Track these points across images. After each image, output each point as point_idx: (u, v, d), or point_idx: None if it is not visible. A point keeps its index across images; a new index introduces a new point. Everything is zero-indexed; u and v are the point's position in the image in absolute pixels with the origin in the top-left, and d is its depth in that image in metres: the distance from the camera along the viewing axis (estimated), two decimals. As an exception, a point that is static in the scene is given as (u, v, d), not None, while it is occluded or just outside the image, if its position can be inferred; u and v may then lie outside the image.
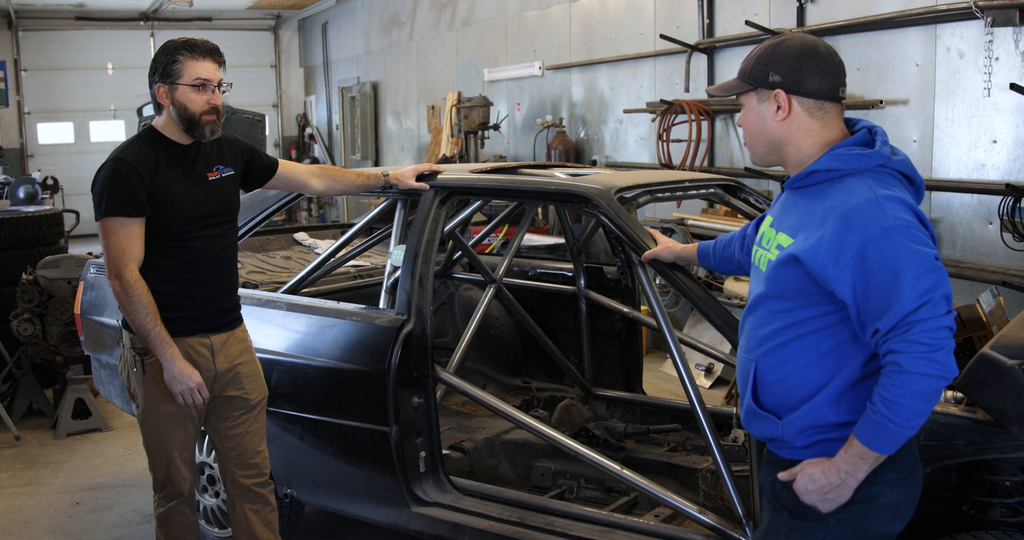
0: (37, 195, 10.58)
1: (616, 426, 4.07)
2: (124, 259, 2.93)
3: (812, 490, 2.06)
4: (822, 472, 2.04)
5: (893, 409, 1.93)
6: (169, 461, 3.14)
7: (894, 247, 1.95)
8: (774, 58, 2.15)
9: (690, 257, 2.82)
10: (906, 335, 1.92)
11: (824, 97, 2.14)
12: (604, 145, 8.42)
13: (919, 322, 1.92)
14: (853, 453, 2.00)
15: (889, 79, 5.58)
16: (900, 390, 1.92)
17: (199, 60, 3.01)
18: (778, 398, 2.15)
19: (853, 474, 2.02)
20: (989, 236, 5.10)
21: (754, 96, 2.19)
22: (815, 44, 2.15)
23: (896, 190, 2.05)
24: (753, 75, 2.18)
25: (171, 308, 3.03)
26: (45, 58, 15.76)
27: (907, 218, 1.98)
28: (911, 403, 1.93)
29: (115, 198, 2.91)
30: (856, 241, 1.97)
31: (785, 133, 2.16)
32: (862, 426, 1.98)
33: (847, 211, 2.00)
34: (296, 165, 3.52)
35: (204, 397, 3.05)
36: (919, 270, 1.93)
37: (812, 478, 2.06)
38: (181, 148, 3.07)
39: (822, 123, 2.15)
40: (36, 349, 5.72)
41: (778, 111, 2.15)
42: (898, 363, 1.93)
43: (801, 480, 2.08)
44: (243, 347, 3.25)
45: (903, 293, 1.93)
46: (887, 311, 1.94)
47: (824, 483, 2.04)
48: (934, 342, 1.91)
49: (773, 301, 2.15)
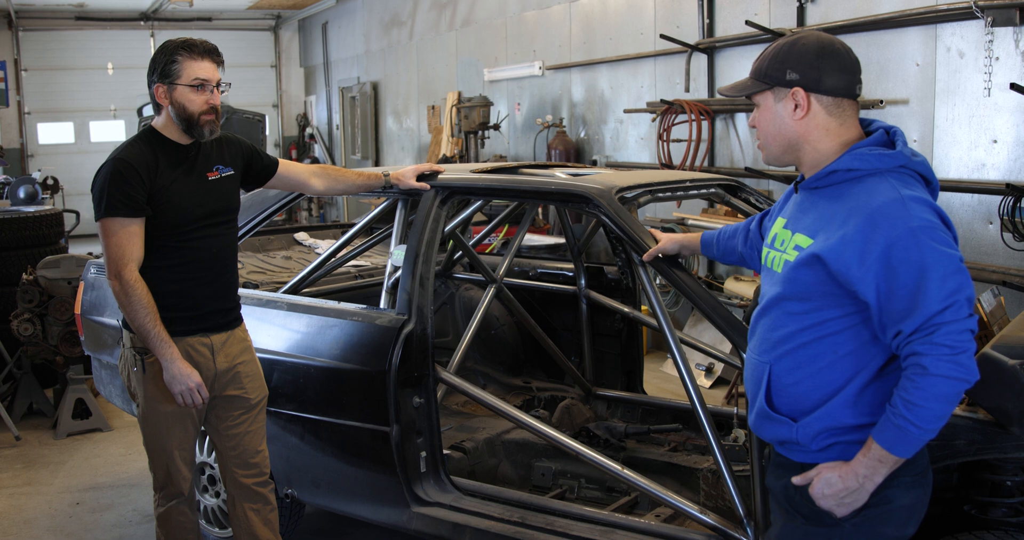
0: (37, 195, 10.58)
1: (617, 426, 4.07)
2: (124, 259, 2.93)
3: (829, 494, 2.03)
4: (839, 476, 2.02)
5: (915, 412, 1.91)
6: (169, 460, 3.14)
7: (920, 248, 1.92)
8: (791, 56, 2.11)
9: (693, 246, 2.79)
10: (930, 337, 1.90)
11: (842, 94, 2.11)
12: (604, 145, 8.42)
13: (944, 324, 1.90)
14: (872, 457, 1.98)
15: (889, 79, 5.58)
16: (923, 393, 1.91)
17: (197, 60, 3.00)
18: (794, 401, 2.12)
19: (871, 478, 1.99)
20: (989, 236, 5.10)
21: (770, 95, 2.15)
22: (831, 41, 2.13)
23: (919, 191, 2.03)
24: (769, 74, 2.14)
25: (171, 308, 3.03)
26: (45, 58, 15.76)
27: (932, 219, 1.96)
28: (933, 406, 1.91)
29: (115, 198, 2.91)
30: (881, 241, 1.95)
31: (803, 132, 2.13)
32: (882, 429, 1.96)
33: (872, 211, 1.98)
34: (296, 165, 3.52)
35: (204, 397, 3.05)
36: (945, 271, 1.92)
37: (829, 482, 2.03)
38: (181, 148, 3.07)
39: (840, 121, 2.12)
40: (36, 349, 5.72)
41: (796, 109, 2.12)
42: (922, 365, 1.90)
43: (817, 484, 2.05)
44: (243, 347, 3.25)
45: (928, 295, 1.91)
46: (911, 313, 1.92)
47: (841, 487, 2.02)
48: (958, 345, 1.90)
49: (790, 303, 2.12)
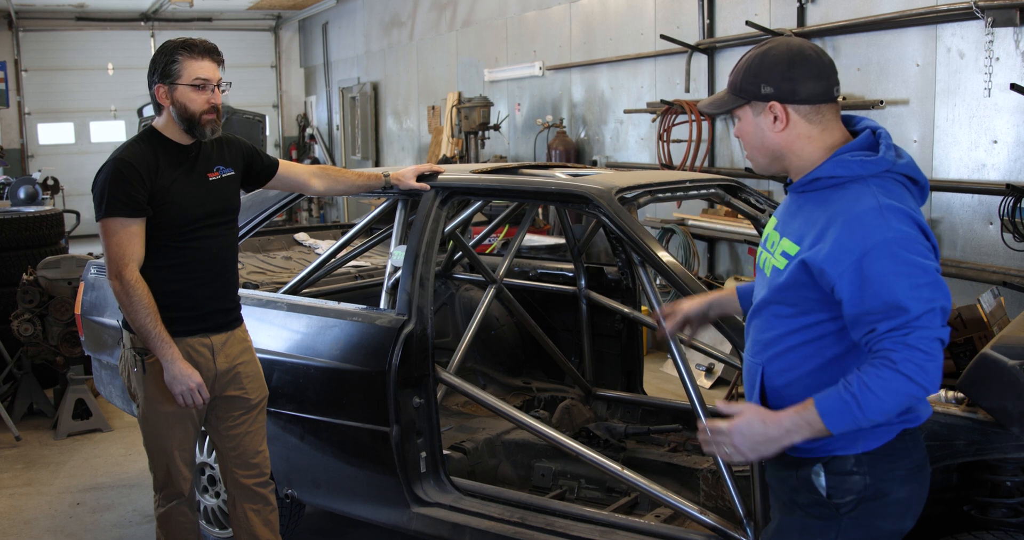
0: (38, 195, 10.59)
1: (617, 426, 4.07)
2: (124, 259, 2.93)
3: (747, 435, 2.03)
4: (763, 422, 2.02)
5: (866, 397, 1.91)
6: (169, 461, 3.14)
7: (894, 258, 1.93)
8: (763, 69, 2.11)
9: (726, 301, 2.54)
10: (905, 338, 1.90)
11: (819, 100, 2.10)
12: (604, 145, 8.42)
13: (920, 329, 1.90)
14: (803, 417, 1.97)
15: (890, 79, 5.58)
16: (883, 384, 1.90)
17: (198, 60, 3.00)
18: (787, 402, 2.11)
19: (791, 435, 1.99)
20: (990, 236, 5.10)
21: (749, 109, 2.15)
22: (801, 48, 2.11)
23: (899, 199, 2.02)
24: (744, 88, 2.14)
25: (172, 308, 3.03)
26: (45, 58, 15.77)
27: (908, 230, 1.96)
28: (886, 399, 1.91)
29: (115, 198, 2.91)
30: (856, 249, 1.95)
31: (785, 143, 2.13)
32: (827, 397, 1.96)
33: (850, 219, 1.98)
34: (296, 165, 3.52)
35: (204, 398, 3.04)
36: (918, 281, 1.92)
37: (750, 424, 2.03)
38: (182, 148, 3.07)
39: (821, 127, 2.11)
40: (37, 349, 5.72)
41: (775, 122, 2.11)
42: (892, 360, 1.90)
43: (739, 422, 2.04)
44: (243, 347, 3.25)
45: (901, 301, 1.91)
46: (884, 318, 1.92)
47: (760, 433, 2.01)
48: (931, 352, 1.90)
49: (777, 306, 2.14)
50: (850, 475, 2.06)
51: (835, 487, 2.07)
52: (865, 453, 2.05)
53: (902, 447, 2.08)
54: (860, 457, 2.05)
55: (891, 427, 2.06)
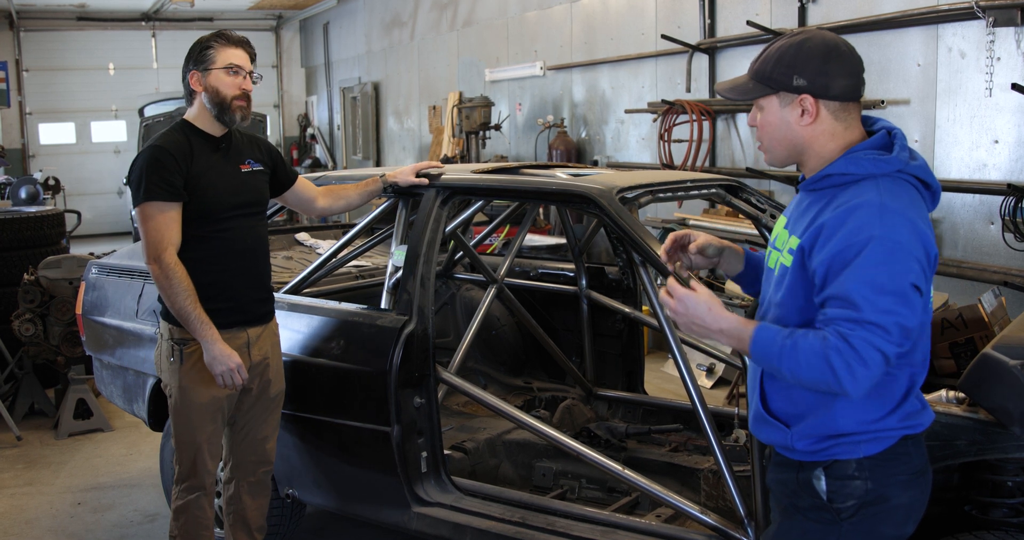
0: (39, 195, 10.60)
1: (618, 426, 4.07)
2: (163, 243, 3.00)
3: (689, 308, 2.05)
4: (708, 309, 2.03)
5: (791, 354, 1.92)
6: (197, 453, 3.20)
7: (872, 258, 1.90)
8: (798, 60, 2.05)
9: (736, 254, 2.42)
10: (849, 333, 1.88)
11: (848, 98, 2.07)
12: (605, 145, 8.42)
13: (865, 332, 1.87)
14: (740, 330, 2.01)
15: (891, 79, 5.58)
16: (807, 355, 1.90)
17: (231, 48, 3.13)
18: (788, 404, 2.11)
19: (720, 335, 2.03)
20: (991, 236, 5.10)
21: (775, 99, 2.09)
22: (837, 43, 2.07)
23: (907, 202, 1.99)
24: (774, 78, 2.07)
25: (211, 300, 3.09)
26: (46, 58, 15.77)
27: (899, 238, 1.92)
28: (803, 367, 1.91)
29: (153, 183, 2.99)
30: (843, 239, 1.94)
31: (810, 137, 2.09)
32: (767, 330, 1.98)
33: (850, 208, 1.96)
34: (311, 184, 3.61)
35: (243, 378, 3.12)
36: (884, 288, 1.89)
37: (697, 303, 2.04)
38: (213, 139, 3.17)
39: (845, 125, 2.09)
40: (38, 349, 5.73)
41: (803, 116, 2.07)
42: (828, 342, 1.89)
43: (690, 296, 2.05)
44: (274, 341, 3.36)
45: (854, 298, 1.89)
46: (837, 306, 1.92)
47: (699, 315, 2.04)
48: (865, 358, 1.87)
49: (783, 308, 2.11)
50: (851, 479, 2.04)
51: (836, 491, 2.05)
52: (867, 458, 2.04)
53: (904, 452, 2.06)
54: (862, 461, 2.04)
55: (893, 432, 2.04)
